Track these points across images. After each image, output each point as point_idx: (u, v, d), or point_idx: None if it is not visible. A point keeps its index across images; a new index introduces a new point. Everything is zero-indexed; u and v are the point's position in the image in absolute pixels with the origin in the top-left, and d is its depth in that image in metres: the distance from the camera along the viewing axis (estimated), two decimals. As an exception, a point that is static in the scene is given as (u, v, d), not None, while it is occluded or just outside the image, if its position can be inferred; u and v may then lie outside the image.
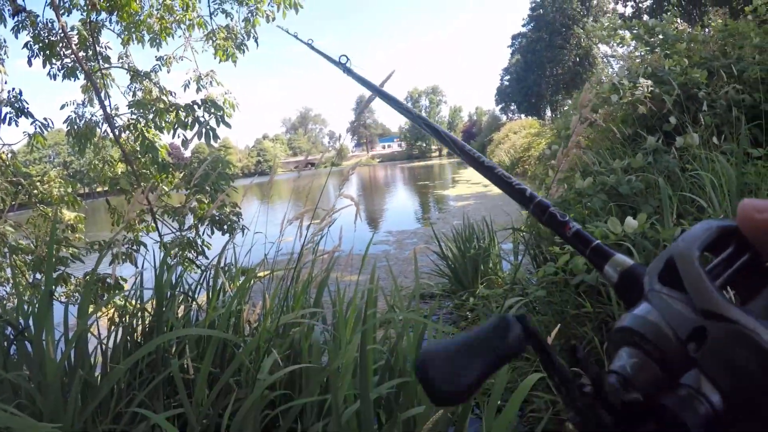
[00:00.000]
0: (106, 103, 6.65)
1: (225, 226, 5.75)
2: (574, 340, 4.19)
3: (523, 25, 73.44)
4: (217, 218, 5.75)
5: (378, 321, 3.31)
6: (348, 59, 1.28)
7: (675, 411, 0.34)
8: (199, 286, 4.32)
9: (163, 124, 6.24)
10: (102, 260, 3.98)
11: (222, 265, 4.34)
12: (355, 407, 2.74)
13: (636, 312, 0.39)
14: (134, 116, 6.34)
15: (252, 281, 4.05)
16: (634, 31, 8.65)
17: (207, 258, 5.48)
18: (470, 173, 41.23)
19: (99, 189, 7.09)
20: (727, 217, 4.25)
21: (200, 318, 4.11)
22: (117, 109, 6.76)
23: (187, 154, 8.22)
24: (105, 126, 6.72)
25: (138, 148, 6.31)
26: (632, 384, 0.36)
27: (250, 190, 4.94)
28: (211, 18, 7.40)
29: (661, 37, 8.10)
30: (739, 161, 4.74)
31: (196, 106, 5.90)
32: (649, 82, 6.42)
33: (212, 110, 5.84)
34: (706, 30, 8.88)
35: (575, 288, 4.23)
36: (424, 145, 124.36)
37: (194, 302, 4.13)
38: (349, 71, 1.25)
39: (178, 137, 5.96)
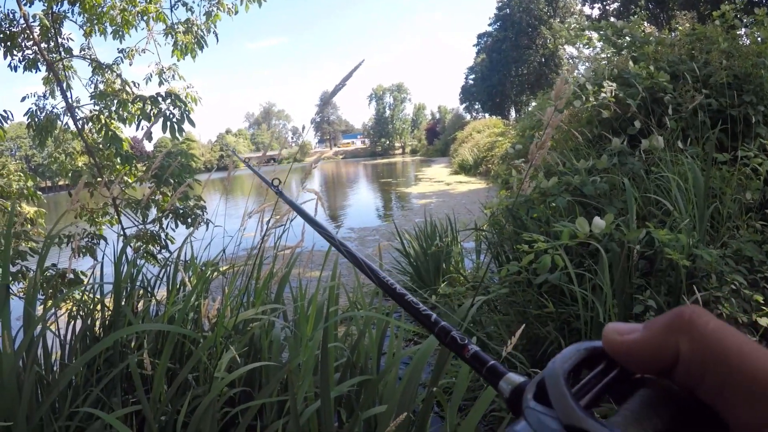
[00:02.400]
0: (70, 94, 6.54)
1: (189, 220, 5.69)
2: (537, 340, 4.19)
3: (490, 24, 74.08)
4: (180, 211, 5.69)
5: (340, 318, 3.28)
6: (280, 182, 1.47)
7: None
8: (159, 281, 4.27)
9: (126, 116, 6.15)
10: (60, 254, 3.90)
11: (182, 259, 4.29)
12: (316, 406, 2.71)
13: (513, 427, 0.42)
14: (97, 107, 6.24)
15: (211, 275, 4.00)
16: (602, 32, 8.68)
17: (170, 252, 5.42)
18: (433, 171, 41.40)
19: (61, 182, 6.98)
20: (693, 221, 4.31)
21: (160, 313, 4.05)
22: (78, 101, 6.65)
23: (149, 147, 8.12)
24: (66, 118, 6.62)
25: (100, 140, 6.21)
26: None
27: (212, 184, 4.89)
28: (171, 11, 7.29)
29: (628, 39, 8.14)
30: (707, 165, 4.78)
31: (160, 98, 5.82)
32: (614, 86, 6.45)
33: (177, 103, 5.78)
34: (674, 33, 8.94)
35: (538, 288, 4.24)
36: (388, 142, 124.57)
37: (153, 297, 4.07)
38: (280, 194, 1.41)
39: (142, 129, 5.88)
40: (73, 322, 3.62)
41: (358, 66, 2.33)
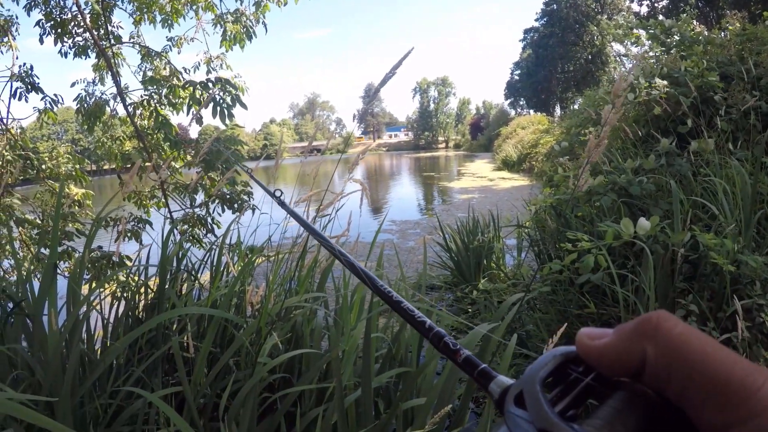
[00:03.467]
0: (119, 81, 6.63)
1: (235, 205, 5.73)
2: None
3: (536, 20, 73.22)
4: (227, 196, 5.73)
5: (382, 309, 3.29)
6: (282, 192, 1.49)
7: None
8: (202, 265, 4.31)
9: (177, 101, 6.21)
10: (103, 235, 3.95)
11: (227, 244, 4.33)
12: (356, 395, 2.72)
13: (495, 430, 0.43)
14: (147, 93, 6.31)
15: (256, 261, 4.03)
16: (650, 31, 8.56)
17: (216, 236, 5.48)
18: (476, 167, 41.20)
19: (106, 167, 7.07)
20: (739, 226, 4.25)
21: (203, 297, 4.10)
22: (127, 87, 6.74)
23: (194, 135, 8.19)
24: (115, 104, 6.72)
25: (150, 125, 6.29)
26: None
27: (255, 173, 4.90)
28: (221, 1, 7.34)
29: (677, 38, 8.02)
30: (755, 170, 4.70)
31: (210, 83, 5.87)
32: (665, 83, 6.36)
33: (228, 88, 5.82)
34: (723, 33, 8.80)
35: (580, 287, 4.20)
36: (431, 136, 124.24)
37: (197, 281, 4.11)
38: (282, 204, 1.44)
39: (193, 114, 5.94)
40: (116, 303, 3.68)
41: (408, 54, 2.32)
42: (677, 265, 3.88)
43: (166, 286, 3.54)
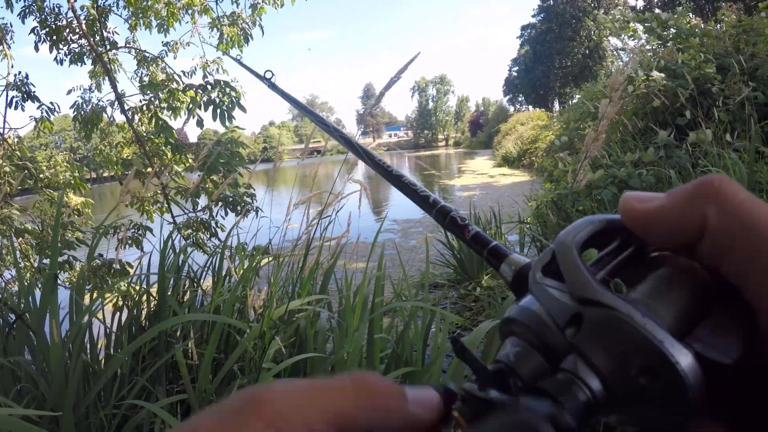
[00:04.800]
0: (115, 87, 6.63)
1: (239, 207, 5.71)
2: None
3: (533, 16, 73.49)
4: (230, 199, 5.72)
5: (385, 309, 3.28)
6: (273, 74, 1.34)
7: (552, 395, 0.33)
8: (204, 271, 4.30)
9: (176, 105, 6.20)
10: (101, 244, 3.94)
11: (228, 247, 4.32)
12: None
13: (519, 303, 0.40)
14: (146, 98, 6.31)
15: (257, 265, 4.02)
16: (647, 24, 8.57)
17: (220, 240, 5.47)
18: (476, 164, 41.17)
19: (105, 174, 7.07)
20: None
21: (205, 303, 4.09)
22: (124, 93, 6.73)
23: (193, 139, 8.19)
24: (112, 110, 6.72)
25: (150, 130, 6.29)
26: (515, 373, 0.36)
27: (256, 176, 4.89)
28: (217, 4, 7.34)
29: (674, 30, 8.03)
30: (750, 159, 4.71)
31: (209, 86, 5.87)
32: (663, 75, 6.38)
33: (227, 90, 5.81)
34: (719, 25, 8.81)
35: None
36: (431, 134, 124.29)
37: (199, 287, 4.10)
38: (273, 86, 1.24)
39: (193, 117, 5.93)
40: (119, 312, 3.67)
41: (414, 59, 2.32)
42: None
43: (168, 293, 3.53)
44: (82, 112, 6.66)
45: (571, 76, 66.74)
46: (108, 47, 6.99)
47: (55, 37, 6.63)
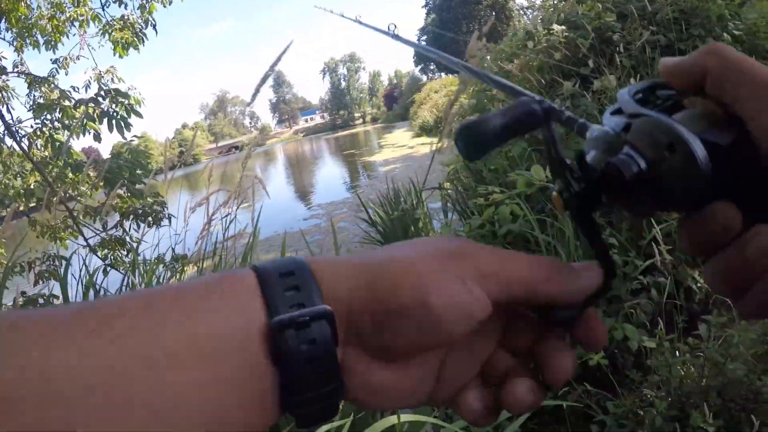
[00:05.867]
0: (10, 115, 6.35)
1: (149, 219, 5.55)
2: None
3: (439, -23, 73.68)
4: (140, 211, 5.54)
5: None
6: (395, 26, 1.49)
7: (616, 164, 0.48)
8: (121, 290, 4.16)
9: (71, 124, 5.98)
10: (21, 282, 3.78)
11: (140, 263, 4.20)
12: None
13: (593, 130, 0.54)
14: (38, 122, 6.07)
15: (162, 275, 3.91)
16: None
17: (137, 254, 5.31)
18: (395, 137, 41.31)
19: (21, 208, 6.77)
20: None
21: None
22: (20, 121, 6.46)
23: (106, 155, 7.93)
24: (11, 141, 6.43)
25: (48, 154, 6.06)
26: (588, 165, 0.51)
27: (176, 182, 4.75)
28: (104, 10, 7.09)
29: (573, -17, 8.13)
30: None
31: (100, 98, 5.67)
32: (563, 28, 6.45)
33: (118, 99, 5.63)
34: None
35: (503, 238, 4.23)
36: (347, 113, 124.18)
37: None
38: (397, 37, 1.45)
39: (89, 133, 5.74)
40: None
41: (286, 50, 2.28)
42: (594, 201, 3.94)
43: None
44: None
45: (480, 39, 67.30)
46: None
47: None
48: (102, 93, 5.68)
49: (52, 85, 6.87)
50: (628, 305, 3.60)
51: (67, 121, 5.99)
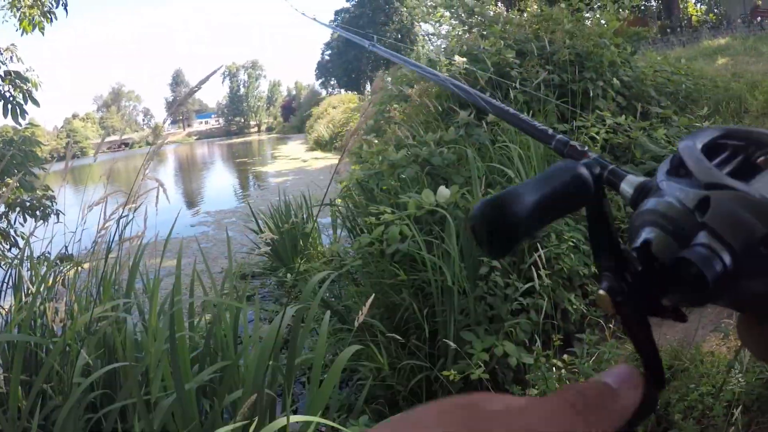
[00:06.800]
0: None
1: (38, 212, 5.33)
2: (394, 307, 4.28)
3: (347, 0, 73.94)
4: (28, 204, 5.32)
5: (198, 307, 3.21)
6: (374, 37, 1.55)
7: (693, 261, 0.38)
8: (5, 287, 3.99)
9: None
10: None
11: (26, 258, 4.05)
12: (171, 399, 2.64)
13: (648, 200, 0.45)
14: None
15: (55, 274, 3.80)
16: (453, 11, 8.89)
17: (20, 249, 5.08)
18: (289, 149, 41.17)
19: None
20: None
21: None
22: None
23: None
24: None
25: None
26: (651, 254, 0.41)
27: (60, 175, 4.59)
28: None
29: (479, 18, 8.40)
30: (545, 135, 5.08)
31: (-1, 79, 5.46)
32: (464, 60, 6.65)
33: (17, 83, 5.43)
34: (523, 14, 9.29)
35: (391, 257, 4.33)
36: (243, 120, 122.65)
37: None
38: (376, 48, 1.44)
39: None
40: None
41: (215, 71, 2.28)
42: (479, 227, 4.14)
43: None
44: None
45: (383, 60, 67.83)
46: None
47: None
48: (1, 74, 5.45)
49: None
50: (509, 324, 3.85)
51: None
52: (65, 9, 6.98)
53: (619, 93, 6.47)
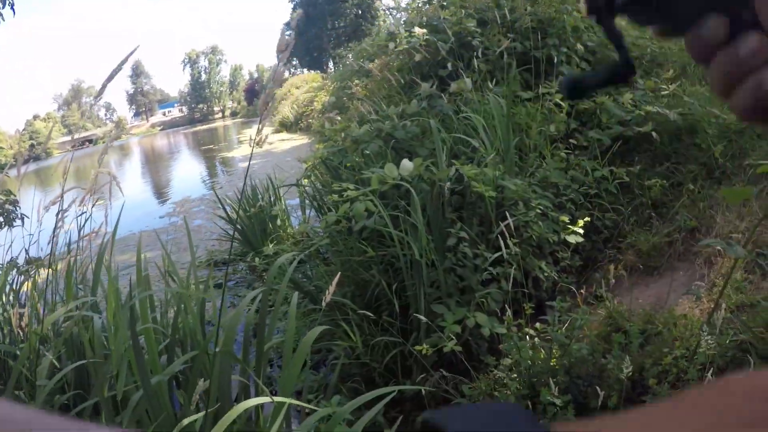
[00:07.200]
0: None
1: (1, 218, 5.23)
2: (364, 284, 4.25)
3: (305, -24, 73.32)
4: (-10, 208, 5.22)
5: (140, 298, 3.13)
6: None
7: None
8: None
9: None
10: None
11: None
12: (139, 395, 2.58)
13: None
14: None
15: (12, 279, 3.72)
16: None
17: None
18: (255, 132, 40.90)
19: None
20: (500, 155, 4.60)
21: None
22: None
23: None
24: None
25: None
26: None
27: (27, 177, 4.49)
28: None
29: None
30: (509, 102, 5.01)
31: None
32: (425, 31, 6.59)
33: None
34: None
35: (359, 234, 4.29)
36: (206, 107, 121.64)
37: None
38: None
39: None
40: None
41: (131, 54, 2.21)
42: (445, 198, 4.18)
43: None
44: None
45: (345, 36, 67.34)
46: None
47: None
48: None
49: None
50: (479, 295, 3.82)
51: None
52: (12, 9, 6.82)
53: (584, 59, 6.41)
